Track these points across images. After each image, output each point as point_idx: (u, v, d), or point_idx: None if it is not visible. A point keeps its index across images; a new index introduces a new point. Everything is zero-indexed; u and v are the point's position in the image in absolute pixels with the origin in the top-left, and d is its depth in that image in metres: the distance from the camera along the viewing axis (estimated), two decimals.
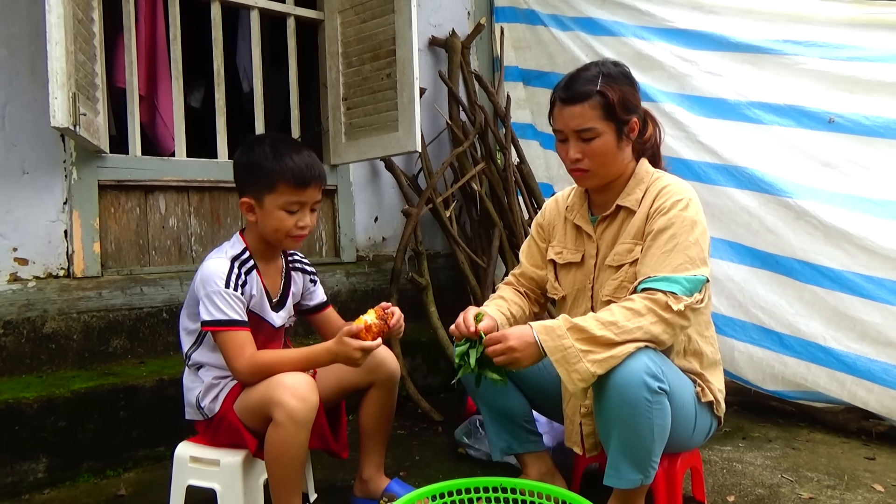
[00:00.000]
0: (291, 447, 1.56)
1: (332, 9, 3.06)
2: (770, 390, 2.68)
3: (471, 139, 3.30)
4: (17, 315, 2.31)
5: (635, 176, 1.74)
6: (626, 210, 1.72)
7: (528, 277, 1.98)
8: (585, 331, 1.51)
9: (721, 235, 2.79)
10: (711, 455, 2.34)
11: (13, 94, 2.34)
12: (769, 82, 2.76)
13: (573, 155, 1.69)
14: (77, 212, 2.44)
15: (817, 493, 2.03)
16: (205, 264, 1.69)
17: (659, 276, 1.56)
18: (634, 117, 1.70)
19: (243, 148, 1.77)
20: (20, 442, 2.07)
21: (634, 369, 1.48)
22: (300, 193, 1.68)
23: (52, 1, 1.93)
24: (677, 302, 1.51)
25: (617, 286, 1.69)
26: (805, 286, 2.58)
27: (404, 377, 2.79)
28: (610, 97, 1.64)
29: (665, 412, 1.52)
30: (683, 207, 1.62)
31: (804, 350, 2.56)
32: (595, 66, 1.71)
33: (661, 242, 1.60)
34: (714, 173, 2.81)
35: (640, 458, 1.53)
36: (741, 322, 2.72)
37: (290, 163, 1.66)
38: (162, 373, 2.37)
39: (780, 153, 2.69)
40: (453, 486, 1.58)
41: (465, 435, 2.34)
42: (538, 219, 1.98)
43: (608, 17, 3.20)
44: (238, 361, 1.62)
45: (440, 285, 3.17)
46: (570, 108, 1.67)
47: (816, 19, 2.74)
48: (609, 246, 1.74)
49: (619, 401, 1.49)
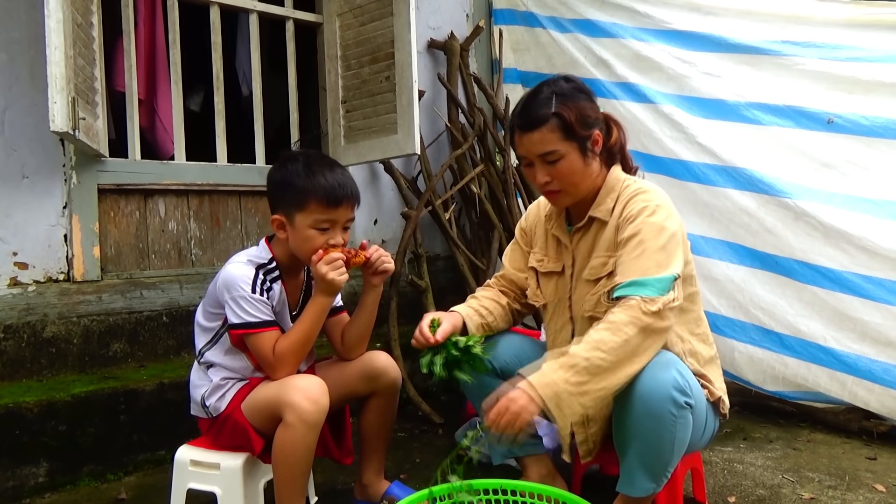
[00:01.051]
0: (300, 449, 1.56)
1: (331, 12, 3.07)
2: (771, 391, 2.68)
3: (470, 141, 3.30)
4: (18, 319, 2.31)
5: (606, 185, 1.72)
6: (599, 221, 1.71)
7: (509, 280, 1.98)
8: (574, 366, 1.44)
9: (720, 236, 2.79)
10: (712, 456, 2.34)
11: (13, 98, 2.34)
12: (768, 83, 2.77)
13: (541, 179, 1.68)
14: (77, 216, 2.44)
15: (818, 493, 2.03)
16: (228, 268, 1.67)
17: (627, 282, 1.54)
18: (595, 130, 1.67)
19: (277, 164, 1.74)
20: (21, 446, 2.07)
21: (663, 382, 1.47)
22: (331, 212, 1.64)
23: (51, 6, 1.93)
24: (653, 304, 1.49)
25: (596, 301, 1.68)
26: (805, 286, 2.58)
27: (405, 380, 2.79)
28: (566, 117, 1.62)
29: (688, 426, 1.51)
30: (650, 213, 1.61)
31: (805, 350, 2.55)
32: (547, 87, 1.68)
33: (630, 249, 1.59)
34: (713, 174, 2.81)
35: (657, 469, 1.53)
36: (741, 323, 2.72)
37: (322, 181, 1.63)
38: (162, 376, 2.37)
39: (779, 154, 2.70)
40: (463, 487, 1.57)
41: (466, 437, 2.33)
42: (521, 223, 1.98)
43: (606, 18, 3.21)
44: (275, 364, 1.64)
45: (440, 287, 3.17)
46: (528, 134, 1.65)
47: (815, 20, 2.75)
48: (585, 258, 1.74)
49: (644, 412, 1.48)
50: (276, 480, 1.60)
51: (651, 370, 1.49)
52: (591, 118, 1.67)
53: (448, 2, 3.64)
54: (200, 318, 1.77)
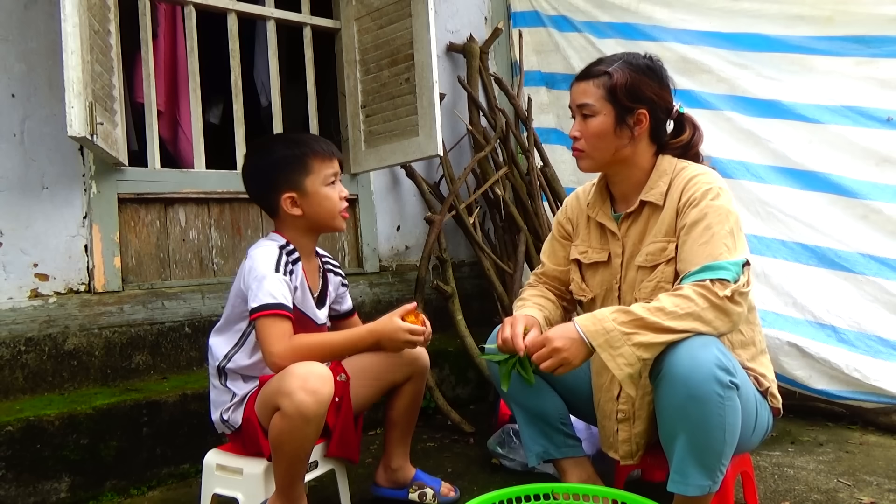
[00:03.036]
0: (296, 439, 1.49)
1: (349, 16, 3.04)
2: (818, 389, 2.55)
3: (492, 144, 3.23)
4: (39, 332, 2.27)
5: (657, 169, 1.66)
6: (651, 205, 1.64)
7: (551, 276, 1.90)
8: (631, 313, 1.43)
9: (775, 235, 2.73)
10: (760, 461, 2.21)
11: (32, 109, 2.32)
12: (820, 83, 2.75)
13: (573, 132, 1.67)
14: (97, 226, 2.41)
15: (878, 497, 1.90)
16: (252, 253, 1.67)
17: (700, 267, 1.47)
18: (643, 108, 1.62)
19: (257, 155, 1.77)
20: (42, 461, 2.02)
21: (704, 361, 1.37)
22: (333, 163, 1.73)
23: (67, 10, 1.91)
24: (724, 287, 1.42)
25: (654, 288, 1.59)
26: (868, 279, 2.54)
27: (432, 388, 2.71)
28: (616, 79, 1.61)
29: (737, 410, 1.40)
30: (714, 196, 1.54)
31: (863, 344, 2.47)
32: (624, 54, 1.68)
33: (697, 235, 1.51)
34: (771, 174, 2.77)
35: (710, 462, 1.42)
36: (794, 319, 2.63)
37: (310, 142, 1.72)
38: (185, 388, 2.32)
39: (839, 151, 2.68)
40: (503, 496, 1.49)
41: (499, 445, 2.24)
42: (559, 216, 1.90)
43: (645, 22, 3.16)
44: (278, 345, 1.55)
45: (466, 294, 3.09)
46: (578, 83, 1.67)
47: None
48: (635, 244, 1.66)
49: (687, 396, 1.38)
50: (274, 464, 1.55)
51: (689, 349, 1.39)
52: (644, 95, 1.62)
53: (466, 5, 3.60)
54: (224, 324, 1.73)
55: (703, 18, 3.03)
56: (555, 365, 1.47)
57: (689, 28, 3.05)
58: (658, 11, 3.12)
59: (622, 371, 1.41)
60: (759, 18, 2.90)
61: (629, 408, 1.64)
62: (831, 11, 2.74)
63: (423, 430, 2.64)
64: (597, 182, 1.80)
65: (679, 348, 1.41)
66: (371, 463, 2.21)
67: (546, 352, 1.48)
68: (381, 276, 3.15)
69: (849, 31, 2.72)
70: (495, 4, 3.71)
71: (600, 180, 1.79)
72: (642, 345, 1.40)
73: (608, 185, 1.77)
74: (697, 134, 1.71)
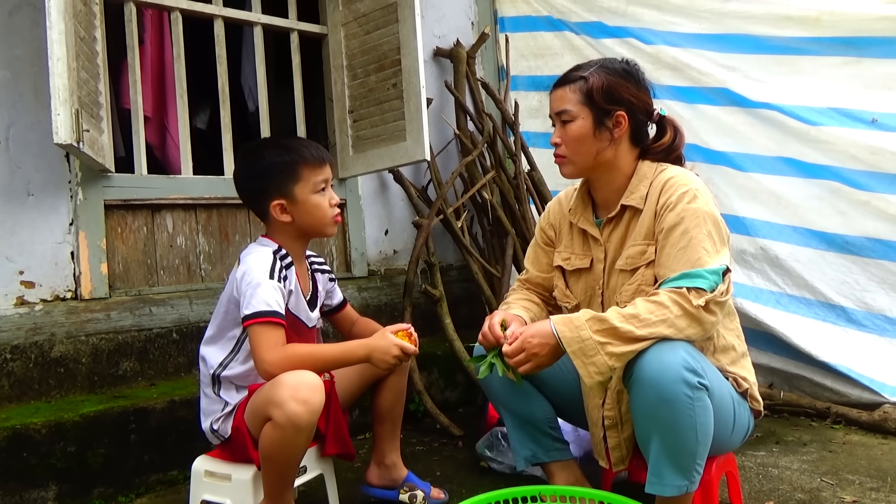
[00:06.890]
0: (288, 449, 1.50)
1: (336, 22, 3.04)
2: (829, 362, 2.64)
3: (479, 148, 3.25)
4: (25, 339, 2.26)
5: (637, 173, 1.68)
6: (632, 209, 1.66)
7: (535, 283, 1.92)
8: (606, 321, 1.45)
9: (785, 221, 2.82)
10: (745, 461, 2.24)
11: (17, 115, 2.31)
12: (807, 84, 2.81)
13: (553, 139, 1.69)
14: (83, 232, 2.40)
15: (861, 496, 1.93)
16: (246, 258, 1.67)
17: (678, 274, 1.49)
18: (621, 110, 1.63)
19: (247, 160, 1.76)
20: (29, 469, 2.01)
21: (671, 364, 1.40)
22: (323, 170, 1.72)
23: (53, 17, 1.91)
24: (699, 296, 1.44)
25: (634, 290, 1.61)
26: (874, 261, 2.64)
27: (421, 392, 2.72)
28: (591, 83, 1.63)
29: (707, 410, 1.43)
30: (691, 199, 1.55)
31: (871, 323, 2.61)
32: (600, 59, 1.71)
33: (675, 239, 1.53)
34: (785, 165, 2.83)
35: (684, 462, 1.44)
36: (807, 300, 2.75)
37: (301, 149, 1.71)
38: (173, 394, 2.31)
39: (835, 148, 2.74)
40: (492, 498, 1.50)
41: (487, 448, 2.26)
42: (542, 222, 1.92)
43: (634, 24, 3.18)
44: (270, 353, 1.55)
45: (454, 298, 3.10)
46: (555, 91, 1.69)
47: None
48: (617, 249, 1.68)
49: (657, 399, 1.41)
50: (263, 473, 1.55)
51: (657, 353, 1.42)
52: (622, 97, 1.63)
53: (453, 10, 3.62)
54: (218, 331, 1.72)
55: (691, 21, 3.05)
56: (531, 368, 1.53)
57: (678, 31, 3.07)
58: (647, 14, 3.14)
59: (592, 379, 1.45)
60: (747, 19, 2.93)
61: (615, 413, 1.66)
62: (818, 12, 2.78)
63: (411, 433, 2.65)
64: (578, 188, 1.82)
65: (648, 352, 1.43)
66: (360, 467, 2.21)
67: (523, 355, 1.53)
68: (369, 281, 3.15)
69: (836, 32, 2.75)
70: (482, 9, 3.72)
71: (582, 186, 1.80)
72: (614, 355, 1.43)
73: (590, 190, 1.78)
74: (679, 136, 1.73)
